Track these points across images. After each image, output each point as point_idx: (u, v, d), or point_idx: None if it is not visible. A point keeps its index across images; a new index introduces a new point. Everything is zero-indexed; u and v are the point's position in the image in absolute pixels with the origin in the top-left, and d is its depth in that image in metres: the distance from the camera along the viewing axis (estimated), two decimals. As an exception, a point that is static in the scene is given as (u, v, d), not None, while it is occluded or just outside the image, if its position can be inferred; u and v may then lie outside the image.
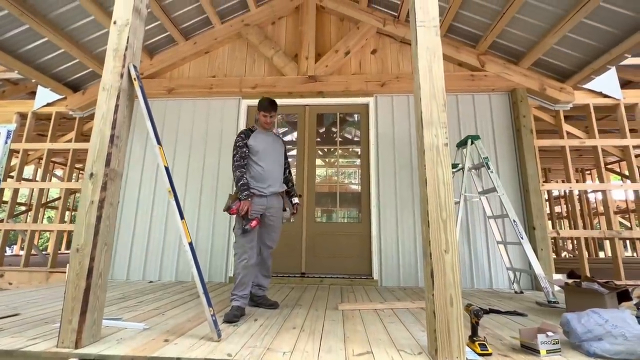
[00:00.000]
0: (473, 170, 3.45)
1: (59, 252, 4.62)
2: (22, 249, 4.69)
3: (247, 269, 2.17)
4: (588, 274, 3.52)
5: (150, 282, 3.63)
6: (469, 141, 3.34)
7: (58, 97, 4.44)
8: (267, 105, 2.36)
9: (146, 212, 3.92)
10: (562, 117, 4.00)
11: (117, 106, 1.75)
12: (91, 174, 1.69)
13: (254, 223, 2.17)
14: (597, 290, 2.05)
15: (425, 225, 1.56)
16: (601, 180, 3.93)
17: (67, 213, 7.95)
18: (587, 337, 1.55)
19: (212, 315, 1.64)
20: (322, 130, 4.80)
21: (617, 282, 2.96)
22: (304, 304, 2.56)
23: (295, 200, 2.50)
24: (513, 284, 3.30)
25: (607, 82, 3.94)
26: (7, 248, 8.99)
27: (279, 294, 3.00)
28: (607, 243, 8.53)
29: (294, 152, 4.22)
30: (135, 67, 1.86)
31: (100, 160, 1.70)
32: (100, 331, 1.67)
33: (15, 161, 4.61)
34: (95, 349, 1.50)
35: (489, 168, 3.15)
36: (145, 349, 1.50)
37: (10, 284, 3.96)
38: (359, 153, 4.13)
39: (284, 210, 2.40)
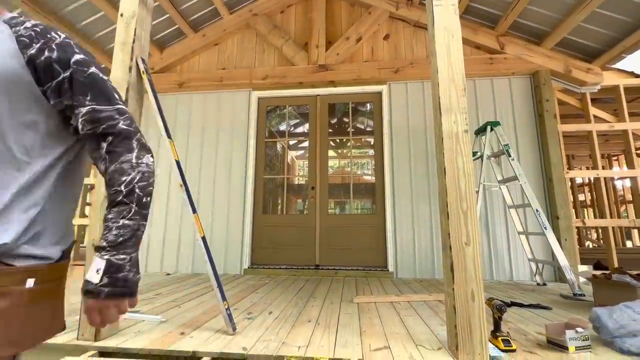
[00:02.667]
0: (492, 158, 3.32)
1: (81, 245, 4.77)
2: (46, 242, 4.85)
3: None
4: (616, 265, 3.35)
5: (168, 274, 3.69)
6: (488, 128, 3.20)
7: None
8: None
9: (162, 206, 3.98)
10: (589, 100, 3.77)
11: (126, 100, 1.74)
12: (104, 169, 1.69)
13: None
14: (630, 283, 1.93)
15: (444, 216, 1.48)
16: (630, 166, 3.70)
17: (87, 208, 8.21)
18: (620, 334, 1.45)
19: (226, 309, 1.63)
20: (334, 120, 4.71)
21: (649, 274, 2.79)
22: (319, 297, 2.54)
23: (97, 265, 0.58)
24: (535, 275, 3.18)
25: (639, 61, 3.68)
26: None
27: (293, 286, 3.00)
28: (635, 232, 8.15)
29: (305, 144, 4.16)
30: (143, 60, 1.83)
31: (112, 155, 1.69)
32: (119, 324, 1.70)
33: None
34: (113, 341, 1.52)
35: (509, 156, 3.01)
36: (162, 342, 1.51)
37: (36, 276, 4.13)
38: (372, 143, 4.03)
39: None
